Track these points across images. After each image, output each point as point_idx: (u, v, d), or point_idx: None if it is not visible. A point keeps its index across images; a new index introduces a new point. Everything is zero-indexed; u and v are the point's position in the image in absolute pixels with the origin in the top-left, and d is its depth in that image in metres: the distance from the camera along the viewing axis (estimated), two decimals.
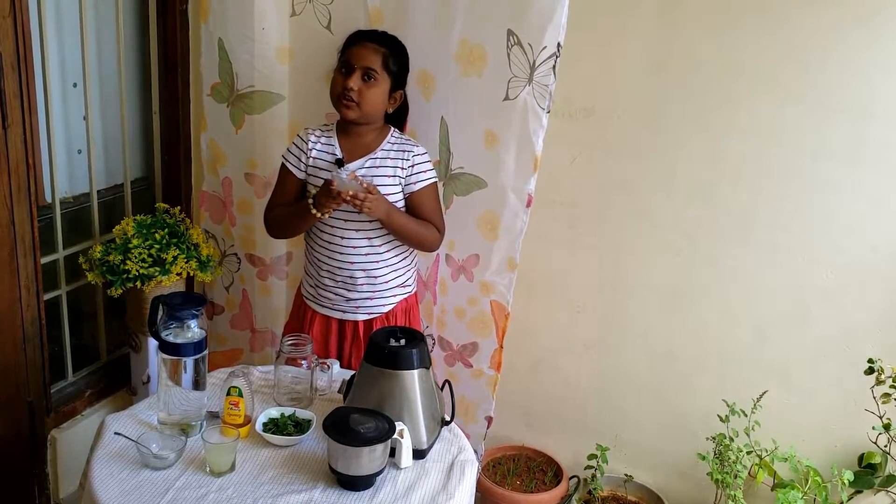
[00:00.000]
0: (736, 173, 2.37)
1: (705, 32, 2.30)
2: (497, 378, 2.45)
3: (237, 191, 2.55)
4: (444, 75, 2.23)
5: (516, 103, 2.12)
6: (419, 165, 2.17)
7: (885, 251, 2.28)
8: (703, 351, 2.54)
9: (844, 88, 2.21)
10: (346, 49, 2.12)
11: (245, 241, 2.61)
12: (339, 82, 2.09)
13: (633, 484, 2.68)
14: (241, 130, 2.46)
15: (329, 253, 2.17)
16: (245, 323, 2.74)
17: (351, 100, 2.07)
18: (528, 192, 2.20)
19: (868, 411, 2.26)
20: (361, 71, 2.07)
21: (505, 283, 2.34)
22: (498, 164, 2.21)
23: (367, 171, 2.13)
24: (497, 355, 2.42)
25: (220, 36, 2.37)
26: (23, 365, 2.20)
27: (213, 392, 1.91)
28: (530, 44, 2.05)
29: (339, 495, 1.64)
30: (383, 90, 2.11)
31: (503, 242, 2.29)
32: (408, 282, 2.29)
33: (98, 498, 1.58)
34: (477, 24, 2.13)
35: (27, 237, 2.14)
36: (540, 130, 2.12)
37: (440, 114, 2.27)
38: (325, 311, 2.25)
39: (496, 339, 2.40)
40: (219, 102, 2.46)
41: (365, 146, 2.16)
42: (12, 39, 1.99)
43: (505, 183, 2.22)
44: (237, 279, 2.69)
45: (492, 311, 2.38)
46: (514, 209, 2.23)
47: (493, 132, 2.19)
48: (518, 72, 2.09)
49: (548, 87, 2.07)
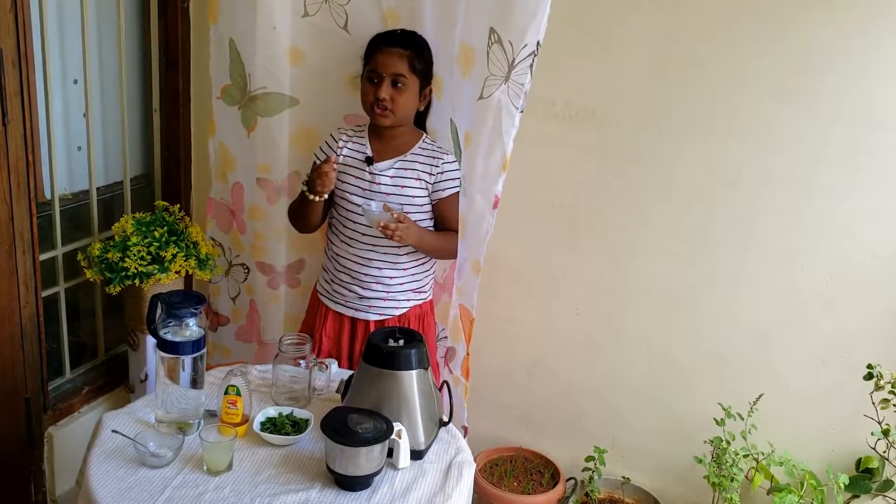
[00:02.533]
0: (736, 178, 2.36)
1: (706, 38, 2.29)
2: (467, 387, 2.42)
3: (248, 196, 2.50)
4: (448, 78, 2.21)
5: (490, 102, 2.08)
6: (448, 173, 2.17)
7: (885, 257, 2.28)
8: (701, 355, 2.54)
9: (845, 95, 2.21)
10: (371, 56, 2.10)
11: (255, 248, 2.57)
12: (370, 92, 2.09)
13: (630, 486, 2.68)
14: (252, 133, 2.41)
15: (348, 248, 2.19)
16: (251, 335, 2.70)
17: (385, 108, 2.08)
18: (496, 194, 2.15)
19: (867, 416, 2.26)
20: (390, 78, 2.07)
21: (470, 288, 2.29)
22: (469, 164, 2.18)
23: (396, 171, 2.14)
24: (465, 362, 2.39)
25: (232, 36, 2.33)
26: (20, 362, 2.20)
27: (210, 391, 1.91)
28: (511, 42, 2.00)
29: (336, 495, 1.64)
30: (414, 93, 2.12)
31: (469, 244, 2.24)
32: (423, 287, 2.28)
33: (95, 495, 1.58)
34: (470, 25, 2.10)
35: (26, 234, 2.14)
36: (512, 130, 2.08)
37: (448, 116, 2.26)
38: (339, 307, 2.26)
39: (465, 345, 2.37)
40: (229, 105, 2.42)
41: (395, 148, 2.17)
42: (13, 35, 1.99)
43: (472, 184, 2.18)
44: (244, 290, 2.65)
45: (460, 315, 2.36)
46: (479, 211, 2.19)
47: (469, 133, 2.16)
48: (495, 70, 2.05)
49: (523, 87, 2.03)
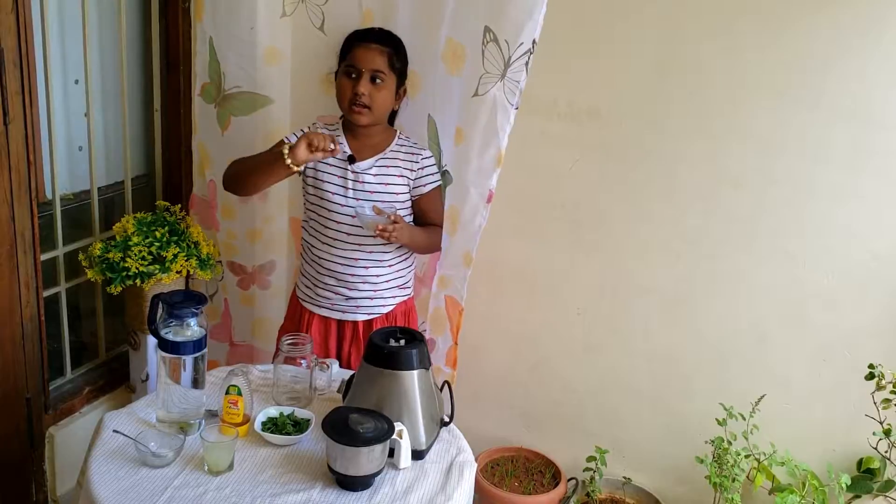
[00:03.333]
0: (737, 178, 2.36)
1: (708, 37, 2.29)
2: (454, 376, 2.42)
3: (221, 194, 2.50)
4: (431, 74, 2.21)
5: (485, 99, 2.07)
6: (427, 168, 2.19)
7: (886, 258, 2.28)
8: (702, 355, 2.53)
9: (846, 95, 2.21)
10: (349, 52, 2.09)
11: (228, 247, 2.58)
12: (348, 87, 2.07)
13: (631, 487, 2.68)
14: (226, 132, 2.42)
15: (332, 250, 2.17)
16: (224, 335, 2.69)
17: (363, 105, 2.06)
18: (490, 189, 2.16)
19: (868, 416, 2.26)
20: (370, 74, 2.05)
21: (459, 278, 2.30)
22: (461, 159, 2.19)
23: (378, 169, 2.15)
24: (452, 353, 2.39)
25: (212, 35, 2.35)
26: (21, 362, 2.20)
27: (211, 390, 1.91)
28: (507, 41, 2.00)
29: (337, 495, 1.64)
30: (391, 90, 2.11)
31: (460, 237, 2.23)
32: (407, 283, 2.29)
33: (96, 495, 1.58)
34: (460, 22, 2.10)
35: (27, 233, 2.14)
36: (507, 126, 2.08)
37: (426, 112, 2.26)
38: (324, 311, 2.25)
39: (451, 335, 2.37)
40: (207, 103, 2.44)
41: (373, 146, 2.16)
42: (14, 35, 1.99)
43: (466, 178, 2.18)
44: (220, 288, 2.65)
45: (446, 306, 2.36)
46: (473, 205, 2.18)
47: (461, 128, 2.17)
48: (491, 68, 2.05)
49: (518, 84, 2.03)
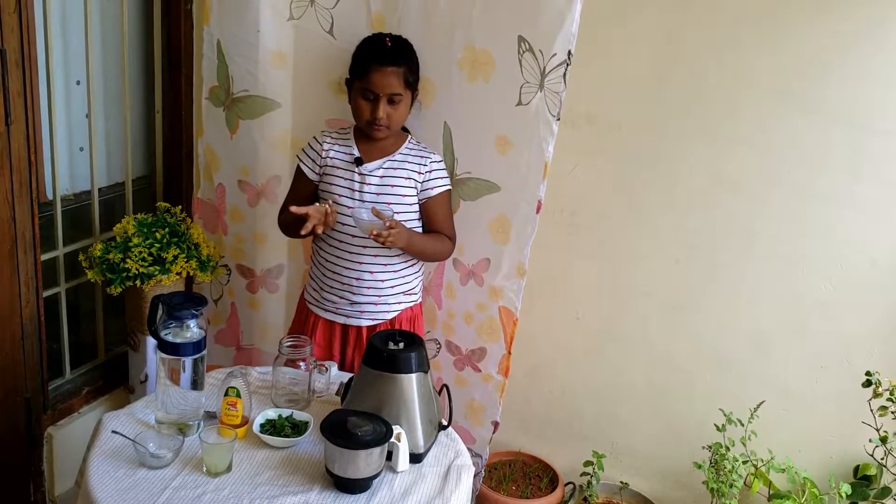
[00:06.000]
0: (736, 183, 2.37)
1: (707, 43, 2.30)
2: (504, 383, 2.43)
3: (230, 198, 2.52)
4: (445, 81, 2.22)
5: (529, 108, 2.11)
6: (436, 172, 2.19)
7: (885, 264, 2.28)
8: (701, 360, 2.54)
9: (846, 101, 2.21)
10: (366, 74, 2.08)
11: (236, 250, 2.58)
12: (366, 110, 2.10)
13: (628, 491, 2.68)
14: (235, 136, 2.43)
15: (338, 253, 2.18)
16: (231, 339, 2.69)
17: (382, 126, 2.10)
18: (539, 198, 2.19)
19: (865, 423, 2.26)
20: (387, 98, 2.08)
21: (514, 289, 2.32)
22: (510, 168, 2.21)
23: (385, 171, 2.15)
24: (505, 361, 2.40)
25: (219, 38, 2.35)
26: (21, 362, 2.20)
27: (211, 392, 1.91)
28: (541, 50, 2.05)
29: (335, 498, 1.64)
30: (407, 104, 2.15)
31: (513, 247, 2.27)
32: (413, 290, 2.28)
33: (94, 496, 1.58)
34: (484, 29, 2.13)
35: (28, 233, 2.14)
36: (550, 137, 2.11)
37: (442, 119, 2.27)
38: (329, 315, 2.25)
39: (504, 344, 2.38)
40: (216, 106, 2.44)
41: (382, 149, 2.18)
42: (17, 36, 1.99)
43: (517, 188, 2.21)
44: (226, 292, 2.65)
45: (500, 316, 2.37)
46: (525, 214, 2.22)
47: (506, 137, 2.19)
48: (530, 78, 2.09)
49: (558, 95, 2.07)
